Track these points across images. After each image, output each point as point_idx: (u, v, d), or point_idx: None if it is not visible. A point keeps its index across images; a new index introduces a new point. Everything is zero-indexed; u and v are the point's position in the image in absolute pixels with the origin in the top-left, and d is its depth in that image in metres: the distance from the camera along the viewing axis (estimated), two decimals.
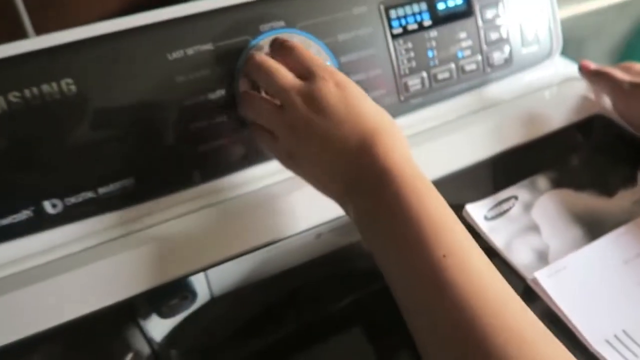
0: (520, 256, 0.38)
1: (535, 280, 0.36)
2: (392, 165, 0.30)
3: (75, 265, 0.35)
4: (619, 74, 0.45)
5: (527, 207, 0.41)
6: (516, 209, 0.41)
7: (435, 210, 0.29)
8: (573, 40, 0.52)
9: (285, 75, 0.34)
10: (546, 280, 0.35)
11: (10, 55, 0.34)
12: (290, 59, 0.35)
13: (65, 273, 0.34)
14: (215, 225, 0.38)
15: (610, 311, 0.35)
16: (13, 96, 0.34)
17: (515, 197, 0.41)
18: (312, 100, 0.32)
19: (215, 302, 0.44)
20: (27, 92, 0.34)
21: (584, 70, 0.48)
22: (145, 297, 0.37)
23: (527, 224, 0.40)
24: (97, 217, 0.37)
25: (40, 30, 0.50)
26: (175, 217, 0.38)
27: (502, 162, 0.47)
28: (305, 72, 0.34)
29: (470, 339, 0.24)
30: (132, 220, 0.38)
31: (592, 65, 0.48)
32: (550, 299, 0.35)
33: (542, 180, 0.43)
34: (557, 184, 0.43)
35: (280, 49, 0.36)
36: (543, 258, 0.38)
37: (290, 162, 0.35)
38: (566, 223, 0.40)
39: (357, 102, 0.32)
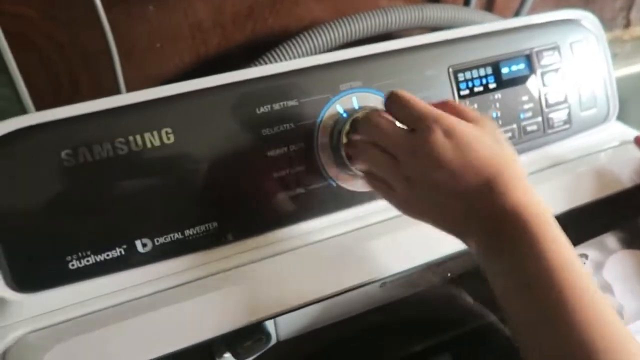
0: None
1: None
2: (515, 206, 0.30)
3: (160, 305, 0.36)
4: None
5: (598, 266, 0.41)
6: (587, 267, 0.41)
7: (557, 251, 0.29)
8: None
9: (395, 131, 0.35)
10: None
11: (118, 105, 0.37)
12: (400, 111, 0.36)
13: (149, 312, 0.36)
14: (292, 270, 0.39)
15: None
16: (119, 142, 0.37)
17: (586, 256, 0.42)
18: (424, 154, 0.32)
19: (280, 345, 0.45)
20: (131, 139, 0.37)
21: (638, 143, 0.49)
22: (222, 338, 0.38)
23: (600, 283, 0.40)
24: (182, 257, 0.39)
25: (124, 80, 0.55)
26: (254, 261, 0.40)
27: (563, 221, 0.48)
28: (414, 123, 0.34)
29: None
30: (214, 262, 0.39)
31: None
32: None
33: (610, 240, 0.43)
34: (627, 244, 0.43)
35: (392, 100, 0.36)
36: None
37: (408, 210, 0.36)
38: (638, 284, 0.40)
39: (468, 147, 0.32)
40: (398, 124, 0.36)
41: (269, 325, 0.43)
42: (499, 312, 0.37)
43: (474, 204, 0.32)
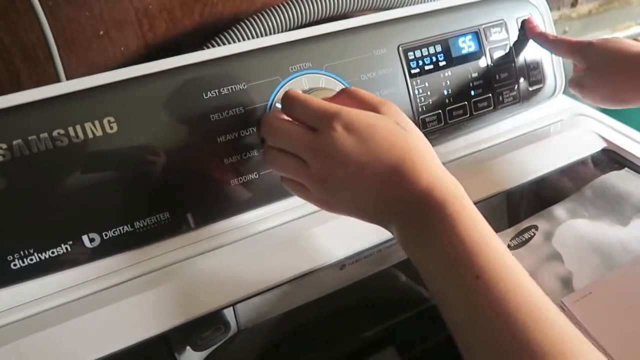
0: (545, 283, 0.39)
1: (562, 305, 0.37)
2: (423, 190, 0.31)
3: (113, 299, 0.35)
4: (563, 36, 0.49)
5: (548, 236, 0.42)
6: (537, 238, 0.42)
7: (469, 229, 0.29)
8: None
9: (297, 135, 0.34)
10: (573, 305, 0.36)
11: (55, 94, 0.35)
12: (298, 113, 0.35)
13: (103, 307, 0.35)
14: (248, 258, 0.39)
15: (637, 334, 0.36)
16: (57, 134, 0.35)
17: (535, 227, 0.43)
18: (328, 153, 0.32)
19: (242, 333, 0.44)
20: (71, 130, 0.35)
21: (528, 28, 0.51)
22: (179, 330, 0.37)
23: (549, 252, 0.41)
24: (133, 250, 0.38)
25: (67, 70, 0.52)
26: (208, 250, 0.39)
27: (515, 193, 0.49)
28: (315, 123, 0.34)
29: (510, 356, 0.26)
30: (167, 253, 0.38)
31: (538, 28, 0.51)
32: (579, 323, 0.36)
33: (559, 211, 0.45)
34: (574, 214, 0.45)
35: (287, 104, 0.36)
36: (568, 284, 0.39)
37: (326, 207, 0.36)
38: (586, 251, 0.41)
39: (371, 138, 0.32)
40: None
41: (228, 314, 0.43)
42: None
43: (386, 193, 0.32)
